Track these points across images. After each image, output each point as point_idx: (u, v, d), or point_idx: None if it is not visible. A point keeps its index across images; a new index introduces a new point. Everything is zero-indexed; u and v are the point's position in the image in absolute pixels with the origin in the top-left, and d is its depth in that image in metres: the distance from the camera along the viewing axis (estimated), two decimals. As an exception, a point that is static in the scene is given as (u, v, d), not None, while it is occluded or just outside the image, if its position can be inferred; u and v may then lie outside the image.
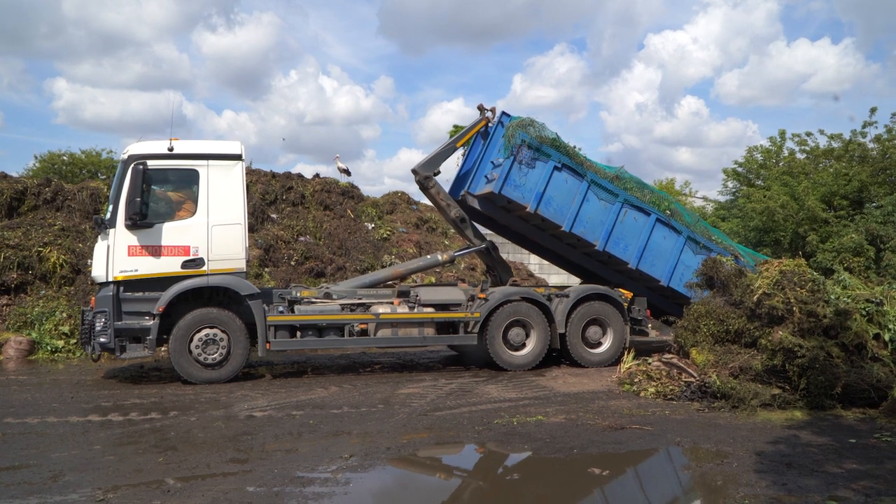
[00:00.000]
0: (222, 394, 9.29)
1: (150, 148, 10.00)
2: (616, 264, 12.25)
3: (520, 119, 11.61)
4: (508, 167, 11.20)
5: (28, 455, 6.43)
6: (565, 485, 5.86)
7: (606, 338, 11.82)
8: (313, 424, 7.63)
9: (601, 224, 11.73)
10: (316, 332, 10.60)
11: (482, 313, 11.10)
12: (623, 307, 11.87)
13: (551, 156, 11.42)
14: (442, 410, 8.36)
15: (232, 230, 10.08)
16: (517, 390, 9.70)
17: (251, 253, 15.65)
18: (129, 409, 8.33)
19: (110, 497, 5.26)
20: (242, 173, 10.28)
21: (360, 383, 10.14)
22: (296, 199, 19.13)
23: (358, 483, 5.77)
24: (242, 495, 5.31)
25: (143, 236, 9.75)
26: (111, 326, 9.62)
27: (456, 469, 6.70)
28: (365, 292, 11.50)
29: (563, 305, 11.53)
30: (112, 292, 9.67)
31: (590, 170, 11.69)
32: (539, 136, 11.41)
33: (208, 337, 9.95)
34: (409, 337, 11.05)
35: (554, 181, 11.43)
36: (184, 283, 9.83)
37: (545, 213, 11.45)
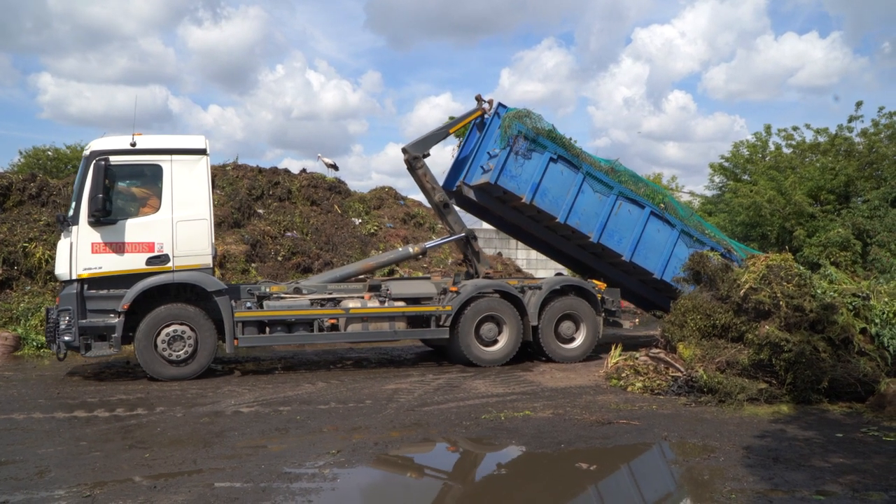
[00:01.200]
0: (209, 389, 9.25)
1: (112, 143, 9.84)
2: (610, 257, 12.30)
3: (516, 110, 11.64)
4: (505, 158, 11.22)
5: (14, 451, 6.37)
6: (553, 480, 5.86)
7: (580, 333, 11.75)
8: (300, 420, 7.60)
9: (596, 216, 11.76)
10: (285, 327, 10.46)
11: (454, 307, 11.00)
12: (596, 299, 11.82)
13: (547, 147, 11.44)
14: (429, 406, 8.35)
15: (197, 225, 9.93)
16: (505, 385, 9.71)
17: (238, 248, 15.60)
18: (116, 405, 8.28)
19: (97, 493, 5.21)
20: (207, 168, 10.10)
21: (347, 379, 10.12)
22: (282, 194, 19.07)
23: (345, 479, 5.75)
24: (230, 491, 5.28)
25: (107, 233, 9.60)
26: (75, 325, 9.45)
27: (443, 464, 6.69)
28: (335, 287, 11.39)
29: (536, 298, 11.43)
30: (76, 290, 9.51)
31: (585, 162, 11.73)
32: (535, 128, 11.45)
33: (174, 333, 9.81)
34: (380, 331, 10.90)
35: (549, 172, 11.46)
36: (148, 279, 9.68)
37: (540, 205, 11.47)
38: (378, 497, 5.65)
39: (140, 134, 10.01)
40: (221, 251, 15.37)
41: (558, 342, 11.62)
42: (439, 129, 12.52)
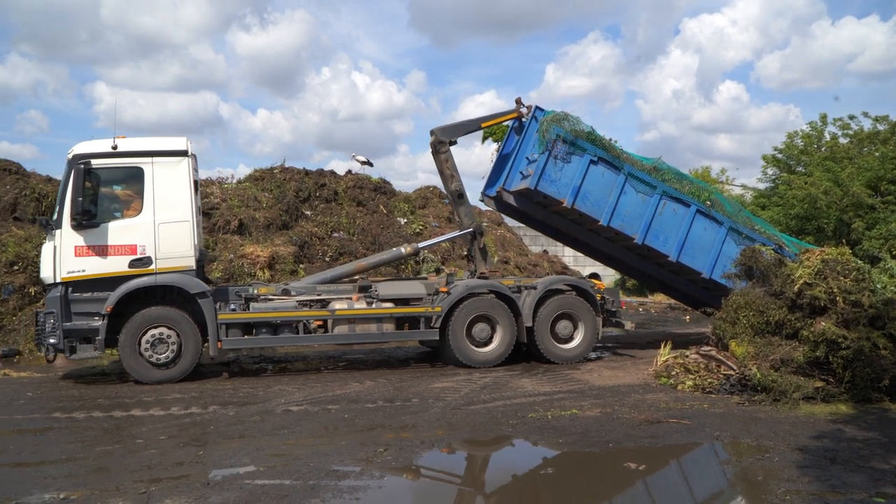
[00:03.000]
0: (259, 388, 9.41)
1: (94, 147, 9.88)
2: (656, 257, 12.10)
3: (554, 113, 11.51)
4: (544, 162, 11.12)
5: (74, 448, 6.59)
6: (601, 479, 5.81)
7: (578, 332, 11.40)
8: (348, 419, 7.68)
9: (640, 217, 11.56)
10: (270, 329, 10.41)
11: (444, 308, 10.77)
12: (595, 298, 11.52)
13: (587, 150, 11.30)
14: (476, 404, 8.35)
15: (179, 228, 9.93)
16: (551, 384, 9.64)
17: (286, 250, 15.82)
18: (171, 404, 8.49)
19: (152, 489, 5.36)
20: (189, 169, 10.05)
21: (394, 378, 10.18)
22: (329, 195, 19.27)
23: (392, 477, 5.79)
24: (279, 488, 5.37)
25: (90, 236, 9.65)
26: (60, 327, 9.54)
27: (489, 463, 6.69)
28: (325, 288, 11.24)
29: (531, 298, 11.13)
30: (60, 293, 9.57)
31: (627, 162, 11.55)
32: (574, 130, 11.30)
33: (157, 336, 9.83)
34: (368, 333, 10.72)
35: (590, 175, 11.30)
36: (131, 282, 9.71)
37: (582, 208, 11.34)
38: (424, 495, 5.67)
39: (123, 137, 10.06)
40: (270, 252, 15.61)
41: (555, 342, 11.26)
42: (472, 120, 12.46)
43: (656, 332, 16.02)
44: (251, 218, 17.04)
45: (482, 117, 12.55)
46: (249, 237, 16.59)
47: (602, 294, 11.70)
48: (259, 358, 12.32)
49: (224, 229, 16.60)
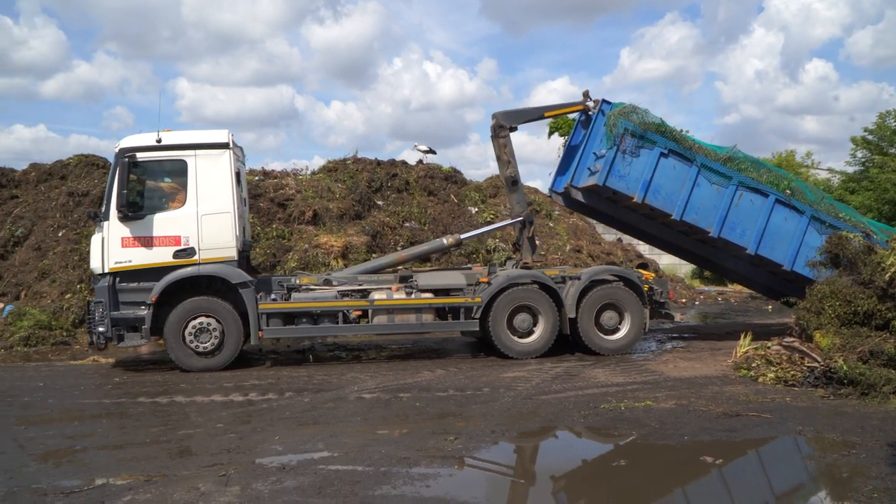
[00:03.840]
0: (333, 376, 9.60)
1: (139, 141, 10.13)
2: (733, 250, 11.70)
3: (621, 106, 11.25)
4: (612, 157, 10.90)
5: (157, 432, 6.88)
6: (675, 473, 5.68)
7: (624, 323, 11.06)
8: (420, 407, 7.75)
9: (714, 209, 11.20)
10: (310, 319, 10.51)
11: (483, 298, 10.65)
12: (642, 289, 11.15)
13: (657, 142, 11.01)
14: (547, 394, 8.29)
15: (221, 219, 10.10)
16: (625, 374, 9.48)
17: (359, 240, 16.05)
18: (249, 390, 8.76)
19: (231, 473, 5.54)
20: (230, 161, 10.21)
21: (465, 366, 10.21)
22: (400, 185, 19.43)
23: (462, 465, 5.81)
24: (352, 474, 5.46)
25: (136, 228, 9.93)
26: (108, 316, 9.85)
27: (560, 453, 6.63)
28: (366, 278, 11.25)
29: (574, 289, 10.85)
30: (108, 283, 9.91)
31: (699, 153, 11.18)
32: (642, 123, 11.02)
33: (201, 326, 10.05)
34: (407, 323, 10.70)
35: (661, 168, 11.02)
36: (175, 273, 9.95)
37: (653, 202, 11.08)
38: (494, 484, 5.67)
39: (168, 131, 10.32)
40: (343, 242, 15.86)
41: (600, 333, 10.99)
42: (536, 108, 12.32)
43: (736, 323, 15.55)
44: (325, 208, 17.36)
45: (546, 106, 12.38)
46: (323, 227, 16.91)
47: (650, 284, 11.41)
48: (333, 346, 12.57)
49: (299, 220, 16.98)
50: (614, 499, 5.18)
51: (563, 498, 5.33)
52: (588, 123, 11.87)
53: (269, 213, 17.07)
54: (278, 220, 16.96)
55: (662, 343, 12.49)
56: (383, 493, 5.04)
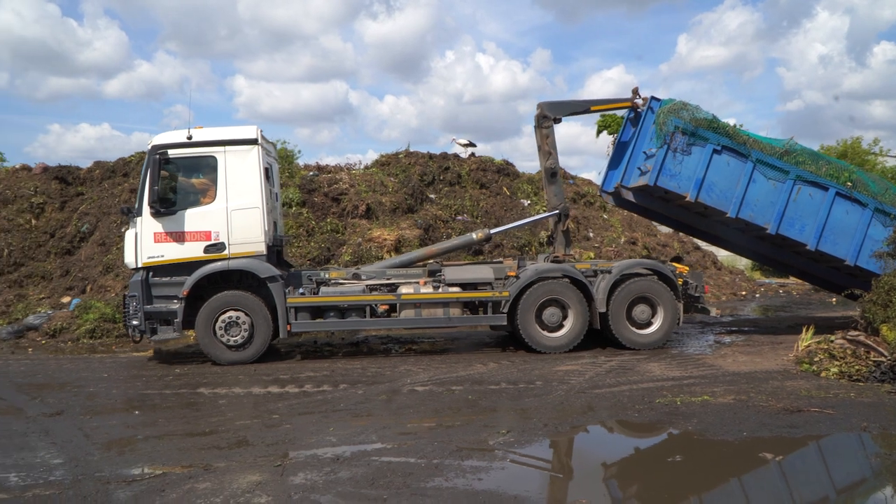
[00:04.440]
0: (387, 368, 9.69)
1: (171, 138, 10.30)
2: (792, 246, 11.36)
3: (671, 104, 11.01)
4: (662, 157, 10.71)
5: (217, 422, 7.05)
6: (733, 469, 5.55)
7: (657, 317, 10.84)
8: (472, 399, 7.76)
9: (771, 205, 10.89)
10: (338, 313, 10.55)
11: (511, 293, 10.57)
12: (675, 283, 10.89)
13: (709, 139, 10.76)
14: (601, 388, 8.20)
15: (250, 214, 10.23)
16: (681, 368, 9.31)
17: (412, 233, 16.13)
18: (304, 382, 8.91)
19: (286, 463, 5.65)
20: (259, 157, 10.31)
21: (517, 360, 10.17)
22: (453, 178, 19.45)
23: (515, 458, 5.80)
24: (405, 466, 5.51)
25: (168, 223, 10.12)
26: (141, 310, 10.09)
27: (613, 448, 6.55)
28: (395, 272, 11.23)
29: (605, 283, 10.67)
30: (141, 277, 10.14)
31: (754, 148, 10.86)
32: (694, 119, 10.77)
33: (231, 319, 10.21)
34: (434, 318, 10.67)
35: (714, 165, 10.77)
36: (205, 267, 10.12)
37: (707, 201, 10.84)
38: (546, 478, 5.63)
39: (201, 128, 10.47)
40: (396, 236, 15.98)
41: (632, 327, 10.79)
42: (582, 101, 12.13)
43: (798, 316, 15.13)
44: (378, 202, 17.52)
45: (593, 100, 12.22)
46: (376, 221, 17.07)
47: (684, 278, 11.15)
48: (386, 339, 12.68)
49: (352, 214, 17.17)
50: (670, 495, 5.10)
51: (616, 494, 5.27)
52: (637, 121, 11.68)
53: (324, 208, 17.31)
54: (332, 214, 17.19)
55: (721, 336, 12.22)
56: (435, 486, 5.07)
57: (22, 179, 17.34)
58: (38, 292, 14.55)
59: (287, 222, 16.49)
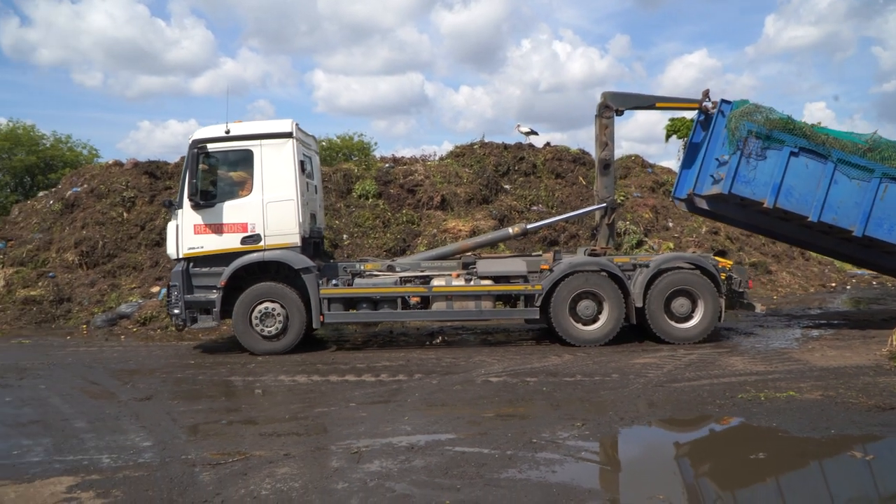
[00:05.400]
0: (461, 359, 9.73)
1: (209, 132, 10.52)
2: (882, 247, 10.79)
3: (742, 107, 10.61)
4: (736, 163, 10.38)
5: (296, 409, 7.25)
6: (820, 468, 5.33)
7: (697, 311, 10.44)
8: (546, 391, 7.71)
9: (856, 206, 10.37)
10: (371, 304, 10.55)
11: (544, 286, 10.40)
12: (717, 277, 10.44)
13: (785, 141, 10.32)
14: (680, 382, 8.01)
15: (285, 206, 10.34)
16: (766, 363, 8.99)
17: (486, 224, 16.13)
18: (380, 371, 9.05)
19: (363, 450, 5.76)
20: (293, 150, 10.41)
21: (594, 352, 10.04)
22: (527, 168, 19.32)
23: (589, 452, 5.74)
24: (478, 456, 5.53)
25: (207, 215, 10.35)
26: (182, 299, 10.34)
27: (692, 443, 6.40)
28: (429, 264, 11.20)
29: (642, 277, 10.38)
30: (182, 268, 10.40)
31: (834, 147, 10.34)
32: (767, 122, 10.36)
33: (266, 310, 10.36)
34: (465, 310, 10.59)
35: (792, 169, 10.33)
36: (242, 258, 10.29)
37: (786, 206, 10.42)
38: (622, 472, 5.54)
39: (239, 122, 10.65)
40: (471, 227, 16.00)
41: (670, 321, 10.43)
42: (647, 95, 11.85)
43: (892, 309, 14.37)
44: (453, 193, 17.58)
45: (660, 97, 11.88)
46: (451, 212, 17.14)
47: (727, 273, 10.72)
48: (461, 329, 12.73)
49: (427, 205, 17.30)
50: (752, 493, 4.94)
51: (694, 490, 5.14)
52: (708, 124, 11.33)
53: (399, 199, 17.50)
54: (408, 205, 17.36)
55: (808, 330, 11.73)
56: (509, 477, 5.07)
57: (114, 174, 18.18)
58: (130, 282, 15.25)
59: (363, 214, 16.77)
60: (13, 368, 9.79)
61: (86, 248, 15.65)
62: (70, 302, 14.51)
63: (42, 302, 14.30)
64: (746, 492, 4.99)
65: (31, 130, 31.57)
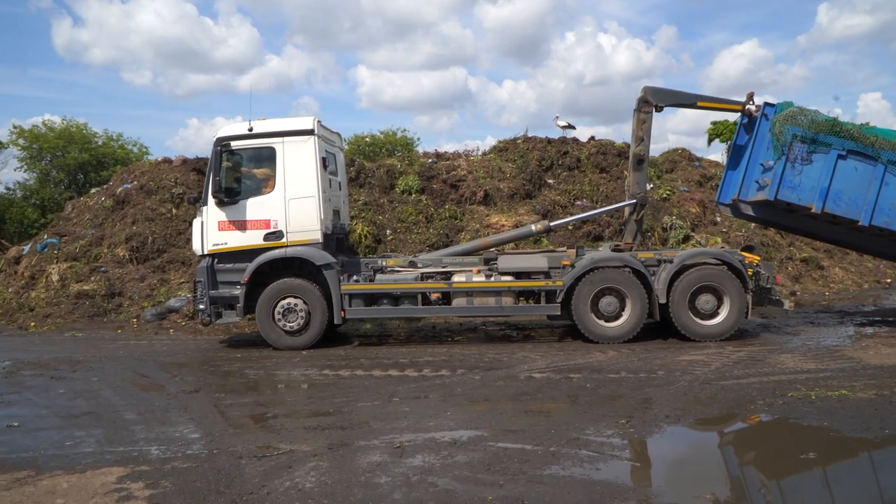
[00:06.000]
0: (504, 354, 9.70)
1: (233, 130, 10.62)
2: None
3: (786, 111, 10.34)
4: (781, 169, 10.15)
5: (339, 403, 7.31)
6: (873, 469, 5.17)
7: (723, 308, 10.21)
8: (591, 388, 7.63)
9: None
10: (392, 300, 10.56)
11: (565, 282, 10.30)
12: (743, 273, 10.16)
13: (832, 144, 10.05)
14: (728, 380, 7.85)
15: (306, 203, 10.40)
16: (817, 361, 8.75)
17: (530, 219, 16.01)
18: (423, 366, 9.07)
19: (405, 445, 5.78)
20: (315, 147, 10.44)
21: (638, 348, 9.91)
22: (571, 163, 19.12)
23: (634, 449, 5.67)
24: (521, 453, 5.50)
25: (231, 212, 10.47)
26: (207, 295, 10.48)
27: (740, 442, 6.26)
28: (450, 260, 11.13)
29: (665, 273, 10.20)
30: (207, 264, 10.55)
31: (884, 148, 10.03)
32: (812, 125, 10.09)
33: (288, 306, 10.43)
34: (486, 306, 10.55)
35: (840, 172, 10.05)
36: (264, 255, 10.39)
37: (835, 210, 10.15)
38: (668, 470, 5.46)
39: (263, 119, 10.73)
40: (514, 222, 15.91)
41: (695, 318, 10.23)
42: (688, 93, 11.53)
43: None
44: (496, 188, 17.51)
45: (702, 96, 11.58)
46: (494, 207, 17.07)
47: (754, 269, 10.42)
48: (504, 325, 12.68)
49: (470, 200, 17.26)
50: (801, 494, 4.82)
51: (742, 489, 5.03)
52: (752, 128, 11.09)
53: (442, 194, 17.50)
54: (451, 200, 17.35)
55: (861, 327, 11.39)
56: (552, 474, 5.03)
57: (163, 171, 18.56)
58: (179, 277, 15.56)
59: (406, 209, 16.82)
60: (67, 361, 10.09)
61: (136, 244, 16.02)
62: (121, 296, 14.88)
63: (94, 296, 14.69)
64: (796, 493, 4.87)
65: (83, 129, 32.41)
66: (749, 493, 4.93)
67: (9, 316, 14.49)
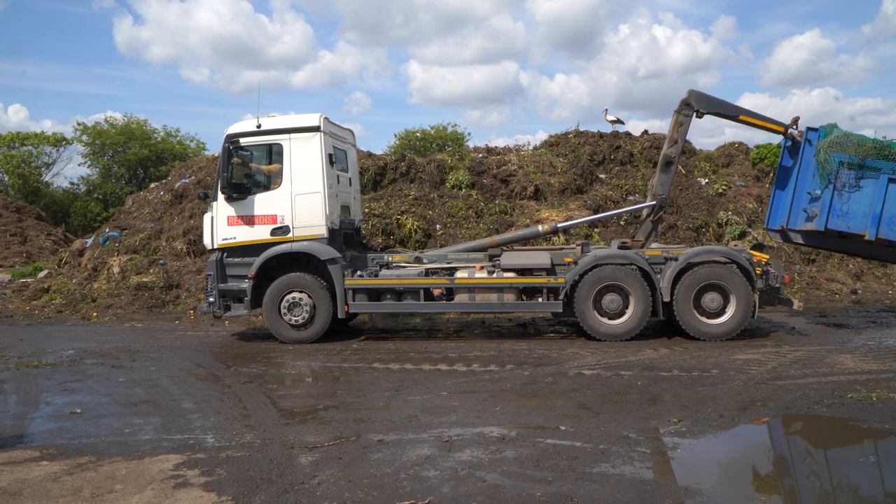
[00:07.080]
0: (554, 350, 9.64)
1: (242, 127, 10.78)
2: None
3: (831, 136, 10.05)
4: (829, 198, 9.90)
5: (390, 396, 7.39)
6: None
7: (729, 307, 9.93)
8: (642, 385, 7.54)
9: None
10: (395, 295, 10.55)
11: (568, 279, 10.22)
12: (750, 271, 9.84)
13: (881, 168, 9.77)
14: (784, 380, 7.65)
15: (312, 198, 10.48)
16: (879, 361, 8.47)
17: (581, 214, 15.86)
18: (472, 361, 9.09)
19: (454, 439, 5.80)
20: (321, 144, 10.50)
21: (691, 346, 9.74)
22: (624, 157, 18.87)
23: (686, 449, 5.57)
24: (570, 449, 5.46)
25: (240, 207, 10.63)
26: (216, 288, 10.67)
27: (795, 444, 6.10)
28: (456, 256, 11.13)
29: (670, 271, 9.96)
30: (216, 258, 10.73)
31: None
32: (859, 149, 9.78)
33: (294, 300, 10.53)
34: (487, 303, 10.49)
35: (892, 196, 9.71)
36: (271, 249, 10.51)
37: (890, 236, 9.80)
38: (720, 471, 5.35)
39: (273, 116, 10.83)
40: (564, 217, 15.78)
41: (700, 316, 10.00)
42: (731, 104, 11.25)
43: None
44: (546, 183, 17.39)
45: (744, 109, 11.27)
46: (545, 202, 16.97)
47: (762, 267, 10.10)
48: (554, 321, 12.60)
49: (521, 195, 17.18)
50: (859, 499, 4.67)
51: (799, 493, 4.91)
52: (796, 152, 10.83)
53: (492, 189, 17.46)
54: (501, 195, 17.30)
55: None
56: (601, 472, 4.99)
57: (220, 167, 18.97)
58: (234, 270, 15.90)
59: (456, 204, 16.83)
60: (127, 351, 10.42)
61: (193, 237, 16.40)
62: (178, 288, 15.28)
63: (153, 288, 15.12)
64: (854, 498, 4.72)
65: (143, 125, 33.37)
66: (804, 497, 4.81)
67: (73, 306, 15.02)
